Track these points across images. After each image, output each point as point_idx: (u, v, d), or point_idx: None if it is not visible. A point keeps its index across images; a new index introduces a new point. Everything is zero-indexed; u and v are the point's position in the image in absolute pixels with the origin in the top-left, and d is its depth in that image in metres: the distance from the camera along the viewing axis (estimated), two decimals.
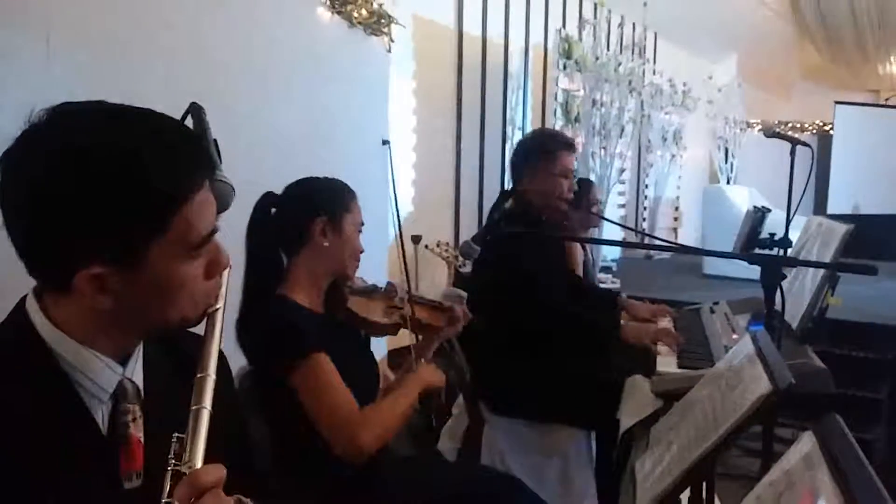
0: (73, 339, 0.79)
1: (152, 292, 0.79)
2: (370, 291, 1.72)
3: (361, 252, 1.63)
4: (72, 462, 0.77)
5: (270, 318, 1.50)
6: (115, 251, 0.75)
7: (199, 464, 0.74)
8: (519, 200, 2.36)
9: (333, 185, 1.63)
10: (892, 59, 8.57)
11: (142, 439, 0.83)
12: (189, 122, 1.22)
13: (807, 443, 0.80)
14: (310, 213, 1.56)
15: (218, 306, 0.85)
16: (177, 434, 0.76)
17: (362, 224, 1.63)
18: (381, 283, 1.77)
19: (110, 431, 0.81)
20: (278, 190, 1.62)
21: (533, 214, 2.33)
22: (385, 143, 1.63)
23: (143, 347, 0.86)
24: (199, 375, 0.79)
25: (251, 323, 1.53)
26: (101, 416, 0.81)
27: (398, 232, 1.81)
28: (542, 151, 2.34)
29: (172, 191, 0.77)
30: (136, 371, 0.85)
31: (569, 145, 2.39)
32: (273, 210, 1.59)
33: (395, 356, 3.58)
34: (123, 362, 0.83)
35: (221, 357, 0.96)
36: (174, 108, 1.07)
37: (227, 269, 0.87)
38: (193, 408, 0.77)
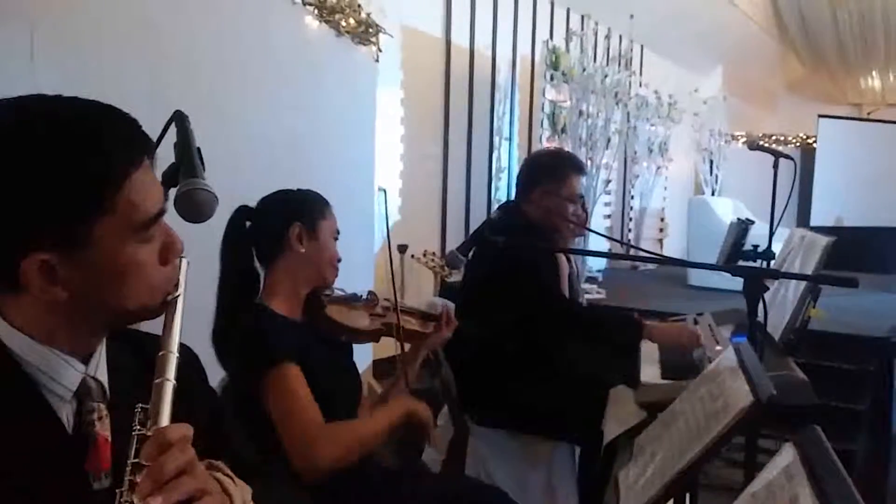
0: (32, 339, 0.78)
1: (106, 279, 0.78)
2: (351, 300, 1.71)
3: (339, 260, 1.64)
4: (38, 463, 0.76)
5: (244, 327, 1.50)
6: (56, 236, 0.74)
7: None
8: (518, 216, 2.34)
9: (308, 194, 1.65)
10: (873, 73, 8.72)
11: (109, 438, 0.82)
12: (173, 129, 1.21)
13: (787, 455, 0.80)
14: (286, 220, 1.57)
15: (178, 293, 0.84)
16: (140, 405, 0.76)
17: (338, 232, 1.65)
18: (364, 293, 1.77)
19: (76, 431, 0.80)
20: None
21: (531, 232, 2.31)
22: (381, 190, 1.63)
23: (107, 350, 0.85)
24: (160, 354, 0.78)
25: (228, 334, 1.53)
26: (66, 416, 0.80)
27: (388, 243, 1.81)
28: (552, 172, 2.32)
29: (105, 169, 0.76)
30: (99, 370, 0.83)
31: (579, 169, 2.38)
32: (248, 223, 1.60)
33: (381, 366, 3.58)
34: (86, 361, 0.82)
35: (191, 351, 0.96)
36: (158, 114, 1.06)
37: (186, 263, 0.86)
38: (156, 381, 0.76)
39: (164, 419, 0.75)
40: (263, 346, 1.46)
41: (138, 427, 0.74)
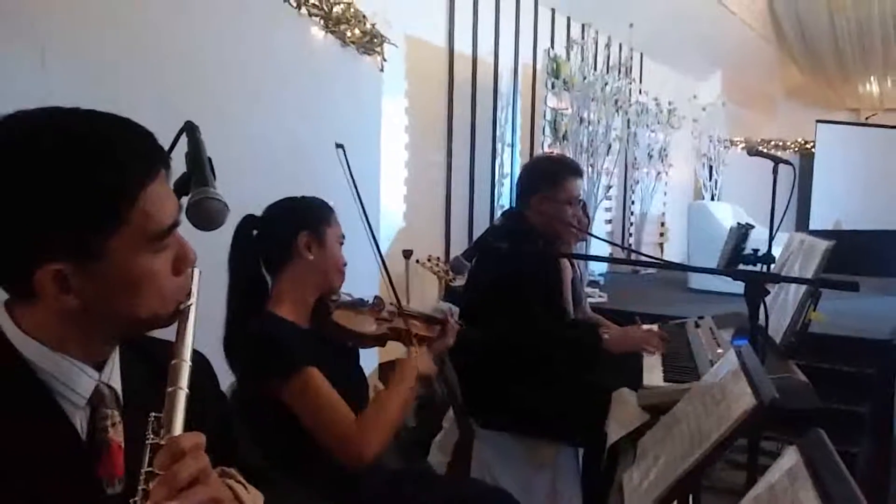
0: (46, 346, 0.79)
1: (118, 288, 0.78)
2: (357, 305, 1.73)
3: (345, 265, 1.66)
4: (52, 469, 0.77)
5: (258, 335, 1.52)
6: (70, 246, 0.75)
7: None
8: (521, 222, 2.37)
9: (313, 201, 1.67)
10: (871, 78, 8.74)
11: (122, 445, 0.83)
12: (183, 140, 1.23)
13: (791, 458, 0.80)
14: (294, 228, 1.59)
15: (190, 303, 0.84)
16: (154, 413, 0.76)
17: (343, 237, 1.67)
18: (369, 298, 1.79)
19: (90, 437, 0.81)
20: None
21: (533, 237, 2.34)
22: (339, 146, 1.59)
23: (121, 356, 0.86)
24: (172, 363, 0.79)
25: (238, 342, 1.55)
26: (80, 422, 0.81)
27: (373, 239, 1.79)
28: (549, 178, 2.34)
29: (120, 182, 0.76)
30: (112, 377, 0.84)
31: (576, 172, 2.40)
32: (255, 232, 1.61)
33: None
34: (99, 368, 0.83)
35: (203, 357, 0.97)
36: (166, 125, 1.08)
37: (198, 273, 0.87)
38: (169, 389, 0.77)
39: (178, 428, 0.75)
40: (282, 354, 1.47)
41: (152, 436, 0.75)
